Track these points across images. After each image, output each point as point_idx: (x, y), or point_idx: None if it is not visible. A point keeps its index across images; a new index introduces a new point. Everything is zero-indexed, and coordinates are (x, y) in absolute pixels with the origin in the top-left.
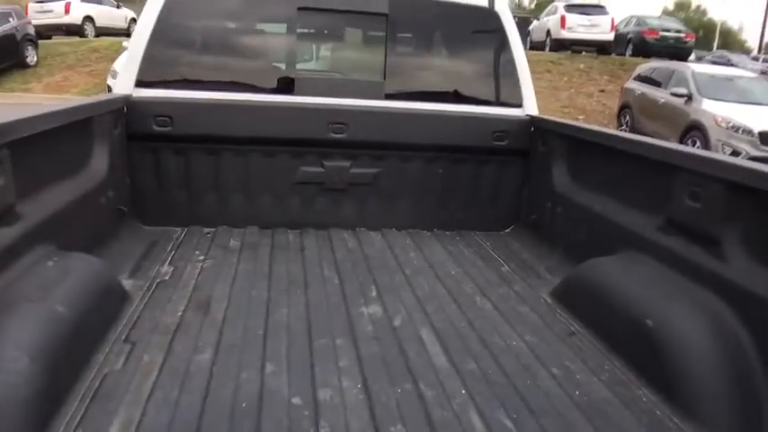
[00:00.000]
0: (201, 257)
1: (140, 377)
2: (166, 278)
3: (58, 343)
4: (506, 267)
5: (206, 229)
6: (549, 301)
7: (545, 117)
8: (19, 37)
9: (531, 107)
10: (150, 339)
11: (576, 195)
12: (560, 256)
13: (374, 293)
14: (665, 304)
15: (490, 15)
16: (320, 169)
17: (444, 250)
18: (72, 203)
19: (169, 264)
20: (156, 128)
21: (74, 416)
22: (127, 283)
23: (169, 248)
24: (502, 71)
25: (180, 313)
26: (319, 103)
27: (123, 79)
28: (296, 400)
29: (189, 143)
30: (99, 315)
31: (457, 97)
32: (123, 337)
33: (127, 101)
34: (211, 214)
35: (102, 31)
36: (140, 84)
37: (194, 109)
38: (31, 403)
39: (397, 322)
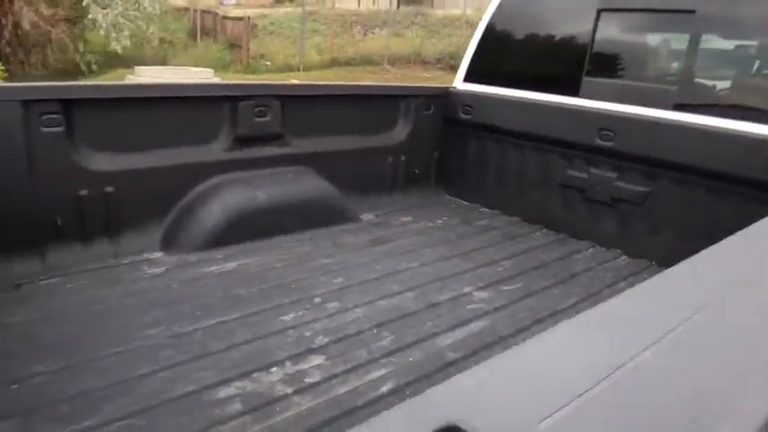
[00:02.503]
0: (406, 219)
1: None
2: (352, 226)
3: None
4: None
5: (482, 209)
6: None
7: None
8: None
9: None
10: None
11: None
12: None
13: (394, 290)
14: None
15: None
16: (585, 175)
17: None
18: (357, 150)
19: (377, 217)
20: (462, 115)
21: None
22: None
23: (422, 212)
24: None
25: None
26: (591, 107)
27: (458, 75)
28: (155, 333)
29: (483, 131)
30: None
31: None
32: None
33: (446, 91)
34: (493, 197)
35: None
36: (466, 78)
37: (486, 101)
38: None
39: (325, 310)
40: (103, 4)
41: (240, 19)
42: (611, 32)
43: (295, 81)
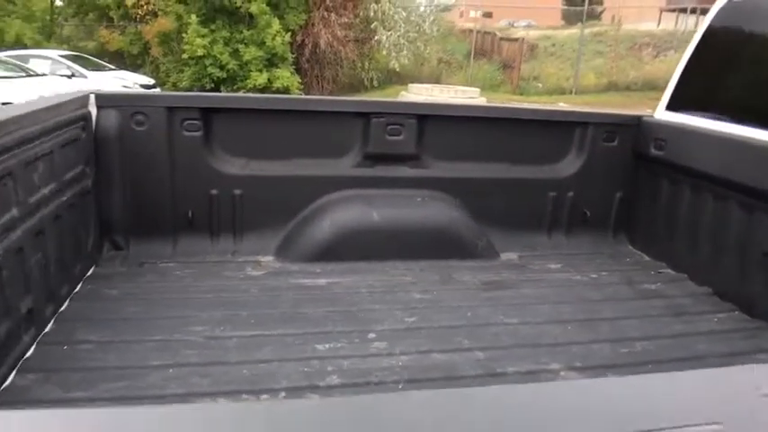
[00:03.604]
0: (553, 267)
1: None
2: (478, 264)
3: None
4: None
5: (665, 270)
6: None
7: None
8: None
9: None
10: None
11: None
12: None
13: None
14: None
15: None
16: None
17: None
18: (509, 180)
19: (520, 258)
20: (653, 150)
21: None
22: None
23: (579, 261)
24: None
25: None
26: None
27: (661, 101)
28: (199, 330)
29: (677, 173)
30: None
31: None
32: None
33: (638, 120)
34: (682, 257)
35: None
36: (670, 106)
37: (684, 135)
38: None
39: (367, 348)
40: (389, 27)
41: (516, 40)
42: None
43: (562, 105)
